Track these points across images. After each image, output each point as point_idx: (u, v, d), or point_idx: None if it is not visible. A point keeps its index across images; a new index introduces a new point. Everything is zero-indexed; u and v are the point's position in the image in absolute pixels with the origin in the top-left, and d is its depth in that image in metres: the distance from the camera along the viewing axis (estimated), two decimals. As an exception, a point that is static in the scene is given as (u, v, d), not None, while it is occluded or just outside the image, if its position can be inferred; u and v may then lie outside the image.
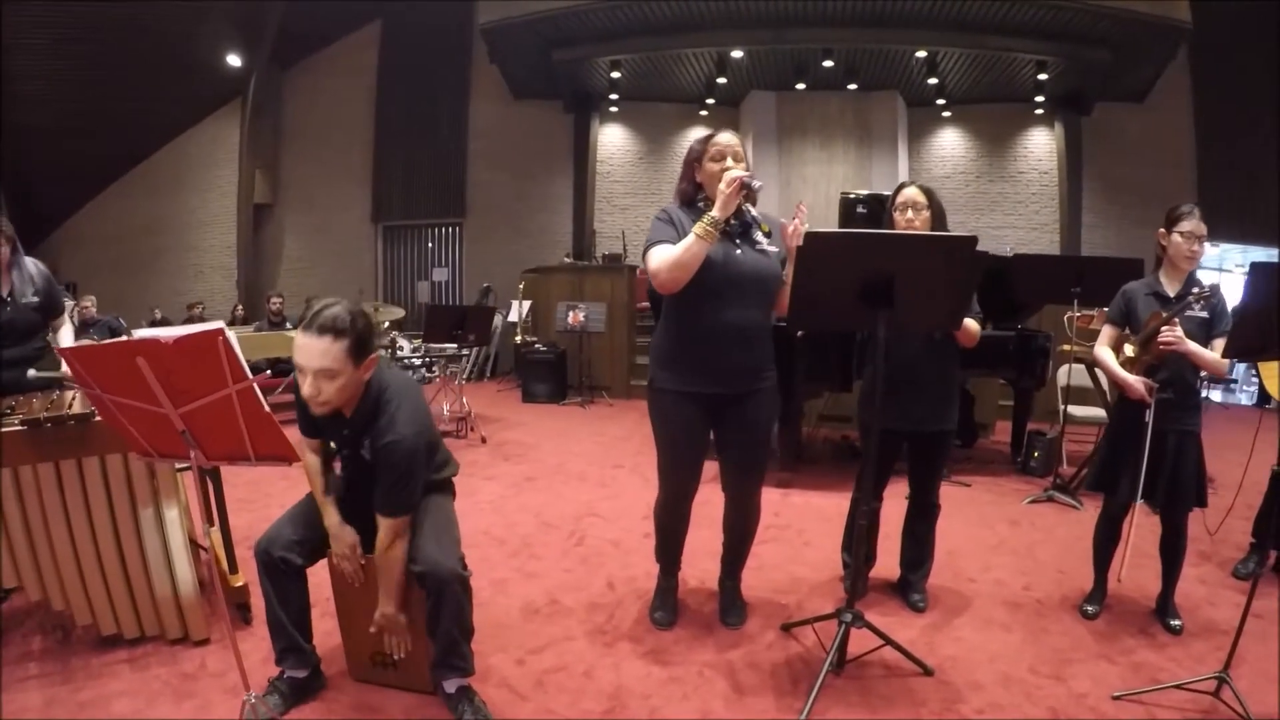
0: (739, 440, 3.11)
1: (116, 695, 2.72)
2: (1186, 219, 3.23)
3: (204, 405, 2.02)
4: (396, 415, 2.45)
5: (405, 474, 2.46)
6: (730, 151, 2.91)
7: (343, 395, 2.38)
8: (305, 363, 2.29)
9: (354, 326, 2.30)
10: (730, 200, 2.72)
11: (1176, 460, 3.23)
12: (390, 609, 2.56)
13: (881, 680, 2.86)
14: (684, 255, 2.76)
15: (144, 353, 1.93)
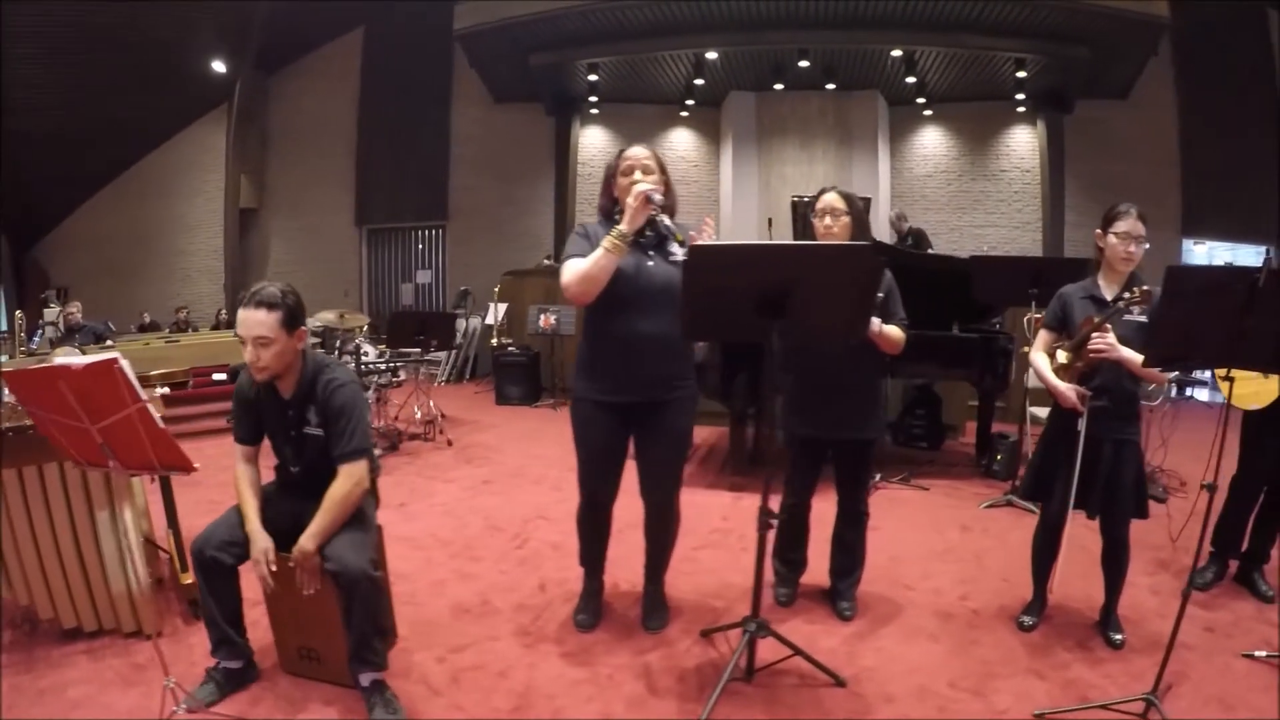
0: (654, 449, 3.16)
1: (72, 683, 2.93)
2: (1122, 219, 3.10)
3: (114, 422, 2.28)
4: (337, 373, 2.84)
5: (355, 417, 2.77)
6: (640, 165, 2.97)
7: (279, 362, 2.71)
8: (245, 333, 2.65)
9: (285, 301, 2.68)
10: (636, 214, 2.79)
11: (1113, 470, 3.13)
12: (312, 545, 2.66)
13: (791, 690, 2.85)
14: (592, 268, 2.83)
15: (63, 377, 2.21)
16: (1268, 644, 3.20)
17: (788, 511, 3.47)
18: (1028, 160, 13.86)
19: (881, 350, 3.21)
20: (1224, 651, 3.17)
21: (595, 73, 13.10)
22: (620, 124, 15.01)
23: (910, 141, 14.27)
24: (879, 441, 3.50)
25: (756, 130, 13.77)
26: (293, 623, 2.91)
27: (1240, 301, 2.26)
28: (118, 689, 2.89)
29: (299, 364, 2.80)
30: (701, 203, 14.60)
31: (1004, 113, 13.69)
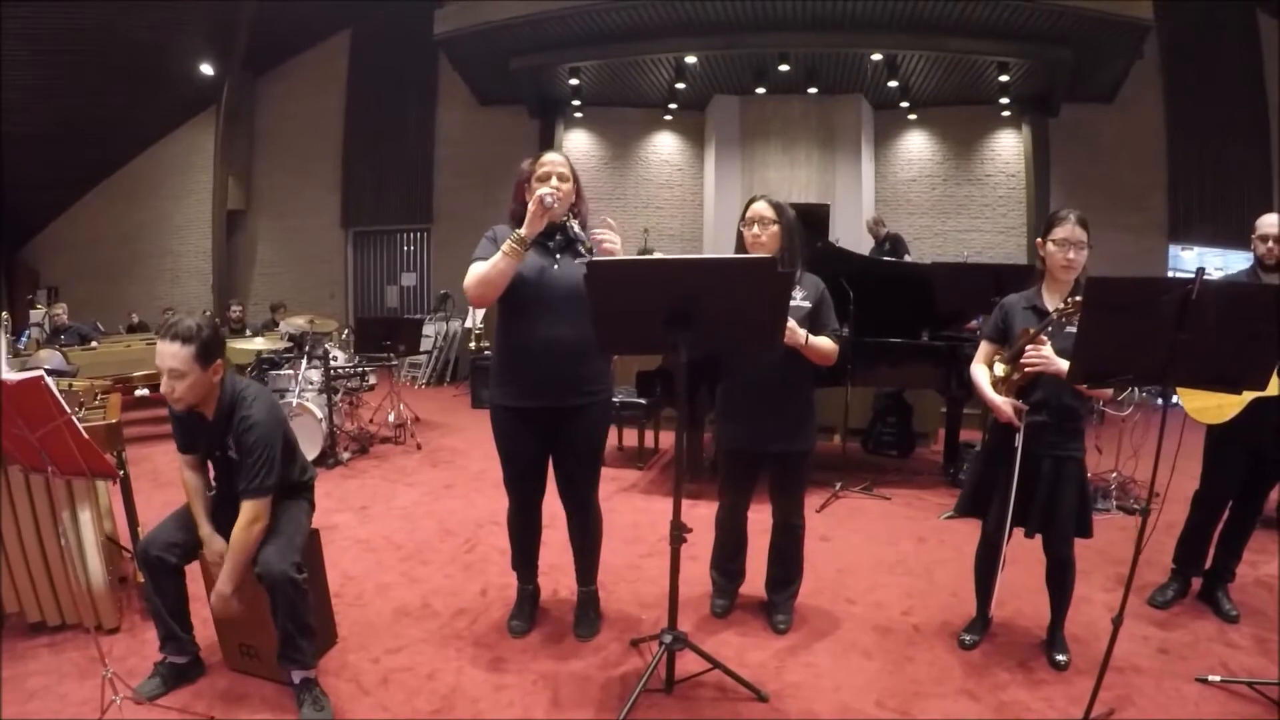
0: (565, 455, 3.20)
1: (32, 674, 3.09)
2: (1060, 225, 3.01)
3: (48, 431, 2.44)
4: (253, 405, 2.85)
5: (263, 455, 2.80)
6: (555, 171, 3.00)
7: (194, 393, 2.77)
8: (160, 364, 2.72)
9: (199, 335, 2.72)
10: (535, 218, 2.82)
11: (1052, 488, 3.03)
12: (227, 589, 2.78)
13: (709, 703, 2.84)
14: (490, 272, 2.89)
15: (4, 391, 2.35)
16: (1224, 668, 3.14)
17: (723, 522, 3.49)
18: (1013, 164, 13.79)
19: (813, 362, 3.18)
20: (1176, 675, 3.09)
21: (577, 76, 13.07)
22: (604, 127, 15.00)
23: (894, 145, 14.21)
24: (811, 452, 3.46)
25: (740, 134, 13.74)
26: (233, 621, 2.99)
27: (1172, 315, 2.20)
28: (74, 680, 3.02)
29: (216, 393, 2.86)
30: (686, 205, 14.62)
31: (989, 116, 13.60)
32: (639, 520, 4.87)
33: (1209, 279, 2.12)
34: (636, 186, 14.87)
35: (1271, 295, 2.26)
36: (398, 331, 7.90)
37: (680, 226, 14.52)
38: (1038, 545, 3.16)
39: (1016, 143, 13.74)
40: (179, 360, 2.69)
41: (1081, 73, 11.89)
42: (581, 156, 14.89)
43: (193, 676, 3.01)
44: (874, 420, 7.16)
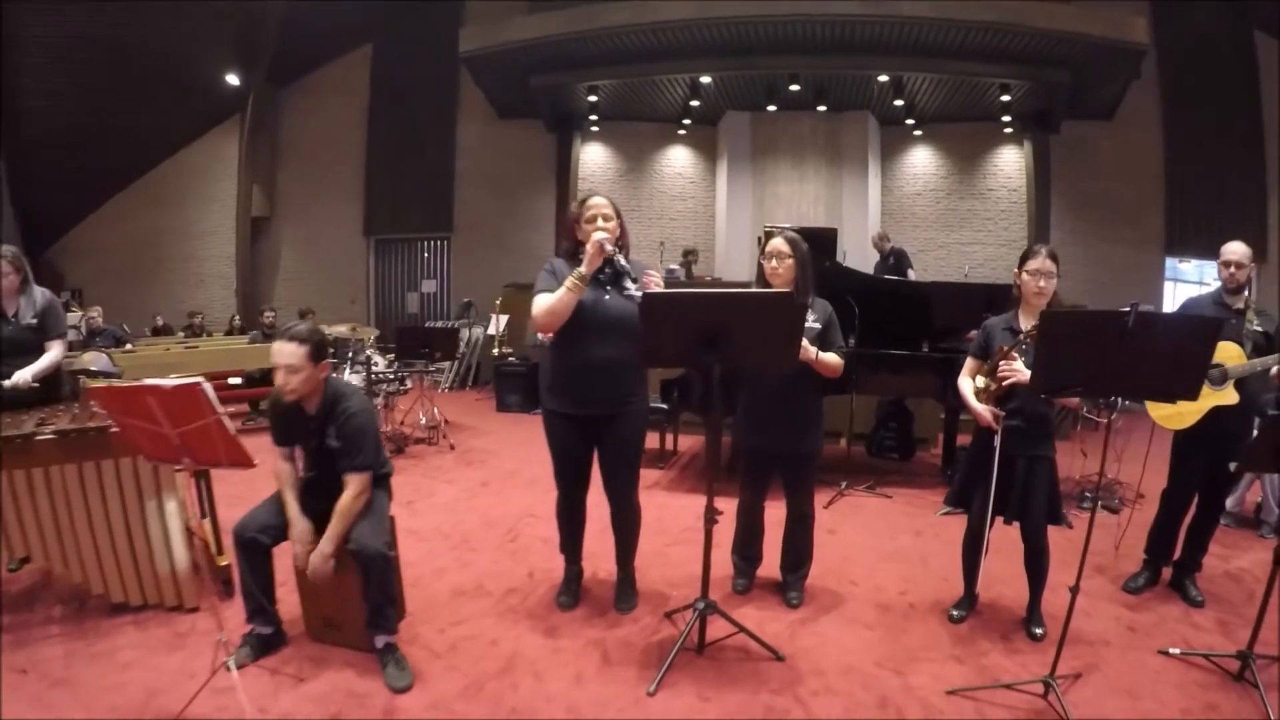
0: (610, 454, 3.71)
1: (123, 648, 3.46)
2: (1033, 258, 3.52)
3: (193, 428, 2.75)
4: (352, 399, 3.39)
5: (363, 438, 3.32)
6: (600, 213, 3.47)
7: (305, 386, 3.27)
8: (278, 361, 3.21)
9: (312, 338, 3.25)
10: (593, 260, 3.32)
11: (1026, 483, 3.52)
12: (329, 549, 3.23)
13: (735, 662, 3.35)
14: (556, 304, 3.39)
15: (153, 394, 2.71)
16: (1186, 644, 3.53)
17: (743, 513, 4.01)
18: (1015, 179, 14.15)
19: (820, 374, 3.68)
20: (1141, 649, 3.51)
21: (595, 93, 13.50)
22: (620, 141, 15.40)
23: (900, 160, 14.57)
24: (818, 453, 3.97)
25: (751, 148, 14.13)
26: (318, 597, 3.47)
27: (1113, 340, 2.66)
28: (164, 653, 3.43)
29: (322, 389, 3.36)
30: (698, 218, 15.03)
31: (991, 133, 13.97)
32: (663, 514, 5.35)
33: (1143, 311, 2.60)
34: (651, 199, 15.29)
35: (1196, 323, 2.78)
36: (436, 339, 8.46)
37: (693, 238, 14.86)
38: (1019, 536, 3.64)
39: (1018, 158, 14.12)
40: (295, 358, 3.19)
41: (1080, 92, 12.26)
42: (597, 169, 15.40)
43: (277, 646, 3.43)
44: (877, 426, 7.59)
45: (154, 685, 3.16)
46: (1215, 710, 3.02)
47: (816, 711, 2.99)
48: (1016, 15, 10.73)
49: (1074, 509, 5.60)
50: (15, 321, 4.36)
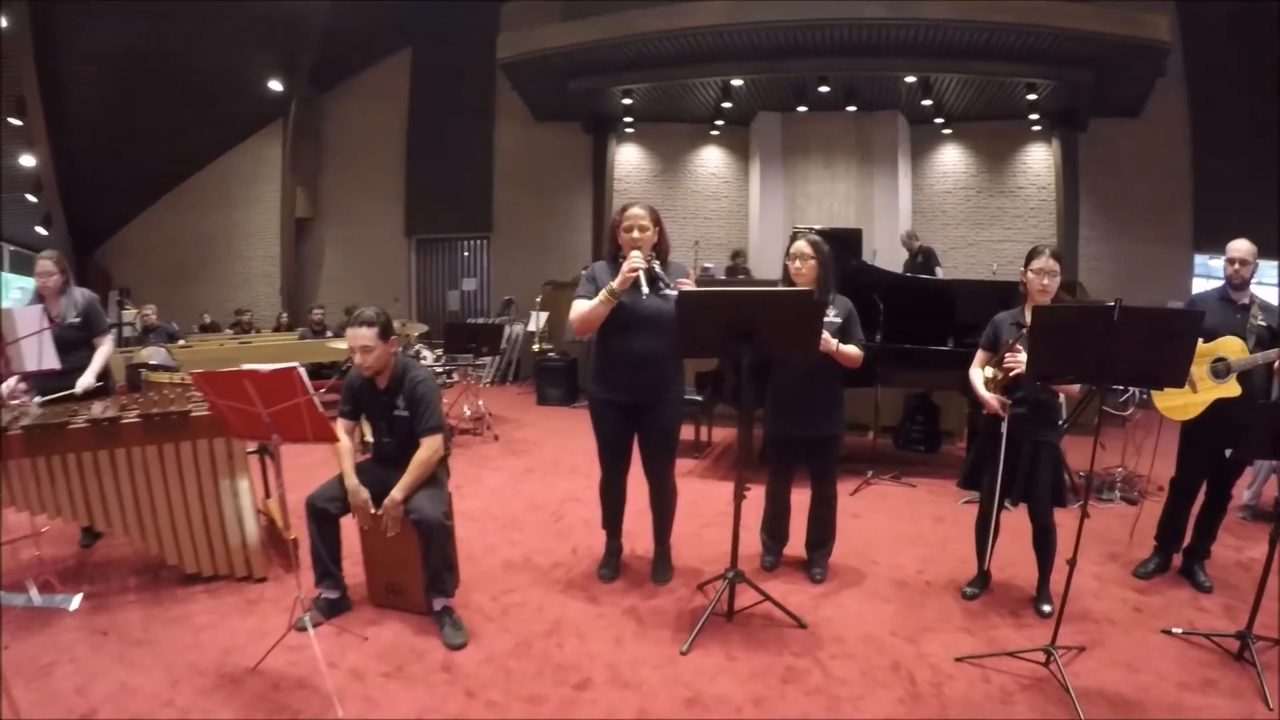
0: (648, 438, 4.08)
1: (198, 613, 3.85)
2: (1037, 258, 3.79)
3: (285, 408, 3.09)
4: (419, 370, 3.86)
5: (431, 401, 3.77)
6: (636, 223, 3.81)
7: (379, 362, 3.73)
8: (353, 343, 3.69)
9: (379, 319, 3.69)
10: (626, 280, 3.68)
11: (1031, 466, 3.78)
12: (400, 497, 3.62)
13: (761, 628, 3.69)
14: (589, 313, 3.81)
15: (250, 378, 3.05)
16: (1190, 625, 3.71)
17: (771, 494, 4.37)
18: (1043, 177, 14.21)
19: (842, 365, 4.01)
20: (1145, 628, 3.71)
21: (629, 96, 13.82)
22: (654, 142, 15.69)
23: (930, 159, 14.71)
24: (840, 438, 4.31)
25: (782, 148, 14.38)
26: (381, 563, 3.87)
27: (1100, 332, 2.93)
28: (236, 617, 3.81)
29: (391, 364, 3.80)
30: (732, 217, 15.28)
31: (1020, 131, 14.07)
32: (697, 499, 5.67)
33: (1127, 307, 2.88)
34: (685, 198, 15.57)
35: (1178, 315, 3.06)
36: (482, 335, 8.89)
37: (726, 236, 15.15)
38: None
39: (1047, 156, 14.20)
40: (368, 339, 3.64)
41: (1106, 90, 12.33)
42: (632, 170, 15.72)
43: (343, 609, 3.81)
44: (904, 419, 7.84)
45: (229, 645, 3.53)
46: (1212, 686, 3.19)
47: (834, 672, 3.30)
48: (1038, 15, 10.87)
49: (1093, 500, 5.82)
50: (60, 321, 4.74)
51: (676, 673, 3.28)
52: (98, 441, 3.93)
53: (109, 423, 3.94)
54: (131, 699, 3.09)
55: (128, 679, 3.24)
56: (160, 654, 3.45)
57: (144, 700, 3.09)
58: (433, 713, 2.98)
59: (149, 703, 3.07)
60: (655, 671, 3.29)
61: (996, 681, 3.21)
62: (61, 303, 4.85)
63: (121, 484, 3.99)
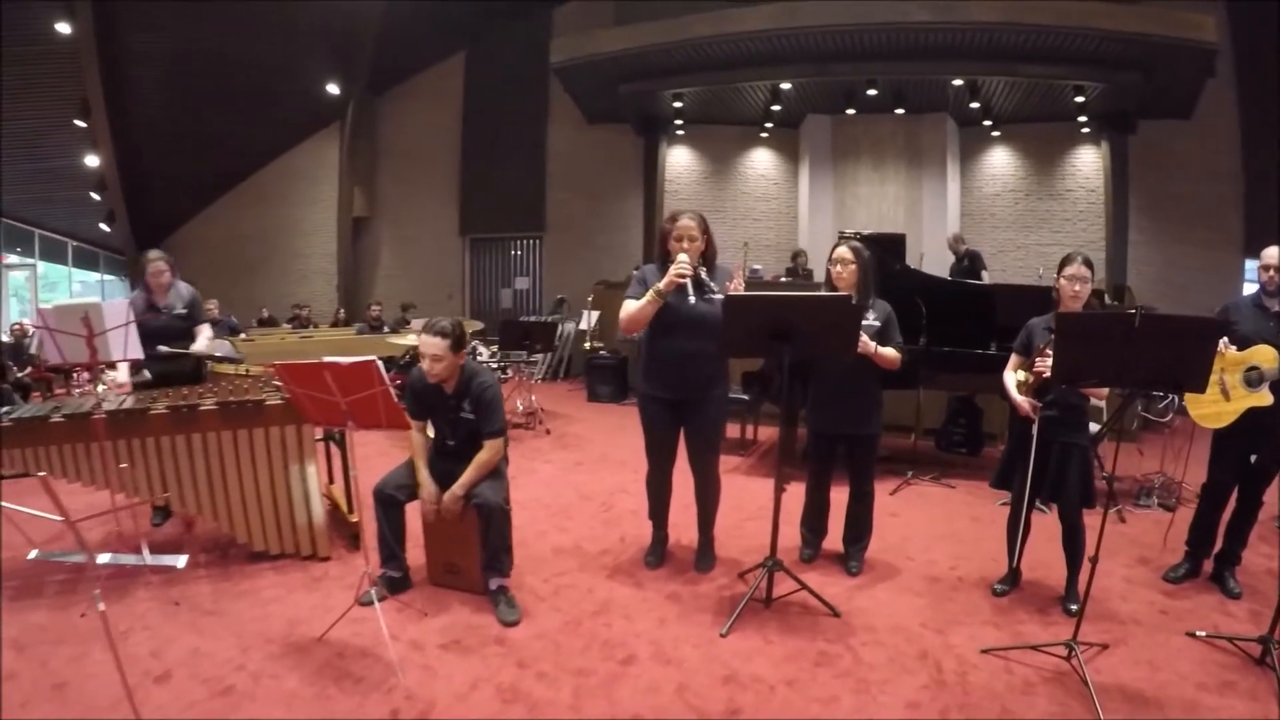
0: (694, 433, 4.32)
1: (265, 588, 4.20)
2: (1069, 265, 3.99)
3: (362, 397, 3.38)
4: (485, 376, 4.09)
5: (496, 407, 4.02)
6: (686, 233, 4.05)
7: (446, 371, 3.93)
8: (425, 351, 3.89)
9: (453, 332, 3.91)
10: (670, 285, 3.93)
11: (1060, 467, 3.92)
12: (461, 493, 3.93)
13: (797, 615, 3.91)
14: (637, 313, 4.07)
15: (330, 369, 3.34)
16: (1215, 629, 3.77)
17: (811, 490, 4.60)
18: (1092, 180, 14.11)
19: (881, 367, 4.22)
20: (1170, 630, 3.80)
21: (680, 99, 14.04)
22: (704, 144, 15.87)
23: (979, 161, 14.69)
24: (878, 436, 4.52)
25: (831, 151, 14.51)
26: (441, 546, 4.18)
27: (1122, 337, 3.10)
28: (302, 593, 4.14)
29: (459, 371, 4.02)
30: (781, 219, 15.41)
31: (1069, 134, 14.00)
32: (741, 495, 5.89)
33: (1147, 314, 3.06)
34: (735, 200, 15.74)
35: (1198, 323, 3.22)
36: (536, 332, 9.23)
37: (776, 238, 15.32)
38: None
39: (1096, 159, 14.10)
40: (440, 349, 3.86)
41: (1156, 92, 12.24)
42: (683, 171, 15.92)
43: (404, 588, 4.12)
44: (947, 421, 7.93)
45: (295, 617, 3.84)
46: (1231, 688, 3.28)
47: (864, 658, 3.51)
48: (1081, 18, 10.85)
49: (1129, 505, 5.94)
50: (167, 313, 5.29)
51: (715, 653, 3.52)
52: (177, 426, 4.28)
53: (189, 409, 4.28)
54: (204, 663, 3.39)
55: (200, 645, 3.55)
56: (230, 623, 3.78)
57: (216, 664, 3.39)
58: (487, 682, 3.25)
59: (221, 667, 3.36)
60: (695, 651, 3.54)
61: (1019, 673, 3.38)
62: (169, 296, 5.36)
63: (197, 466, 4.33)
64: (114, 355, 4.64)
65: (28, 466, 4.12)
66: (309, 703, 3.12)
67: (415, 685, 3.23)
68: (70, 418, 4.14)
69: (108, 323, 4.50)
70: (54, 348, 4.50)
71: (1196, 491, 4.65)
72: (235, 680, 3.25)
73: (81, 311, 4.37)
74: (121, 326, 4.57)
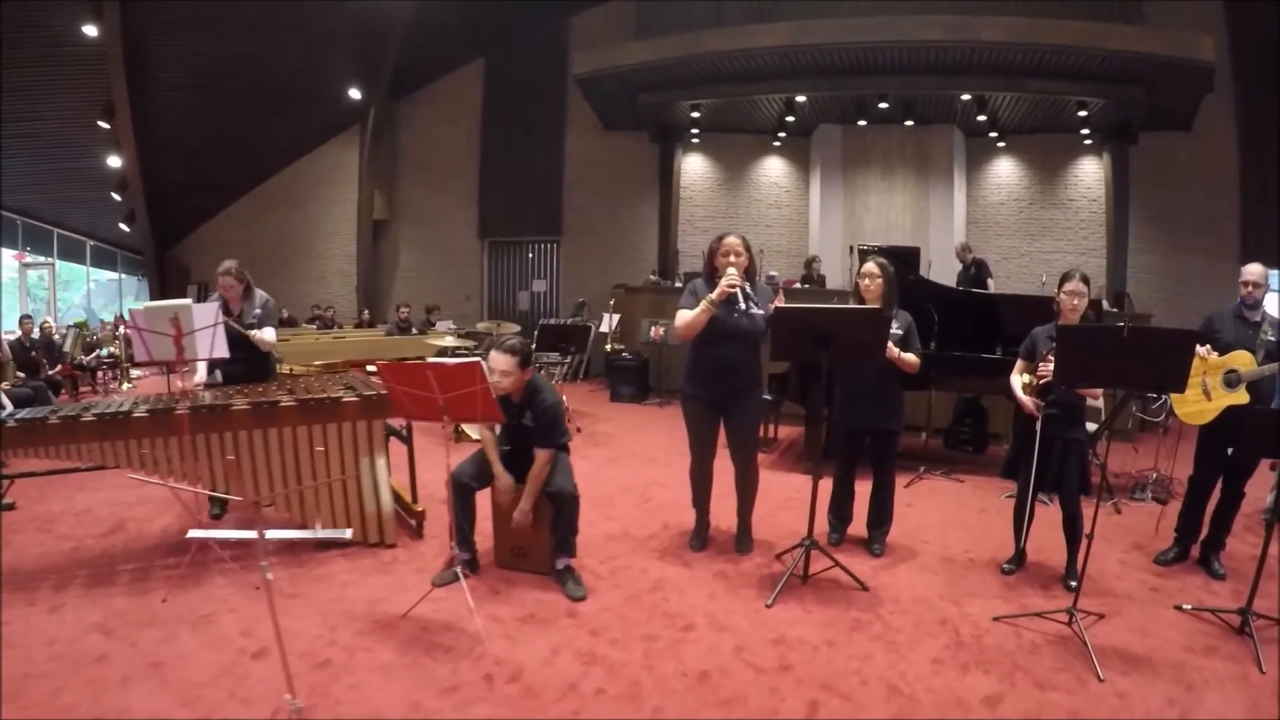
0: (735, 430, 4.86)
1: (339, 573, 4.57)
2: (1068, 281, 4.55)
3: (461, 394, 3.78)
4: (547, 392, 4.49)
5: (555, 421, 4.42)
6: (732, 249, 4.56)
7: (513, 386, 4.34)
8: (495, 367, 4.22)
9: (522, 350, 4.33)
10: (721, 295, 4.43)
11: (1061, 459, 4.47)
12: (528, 506, 4.39)
13: (831, 589, 4.43)
14: (693, 320, 4.55)
15: (433, 370, 3.78)
16: (1199, 603, 4.28)
17: (838, 480, 5.11)
18: (1094, 189, 14.47)
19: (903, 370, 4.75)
20: (1160, 604, 4.32)
21: (697, 110, 14.45)
22: (719, 152, 16.24)
23: (984, 171, 15.04)
24: (900, 432, 5.06)
25: (842, 160, 14.84)
26: (510, 531, 4.58)
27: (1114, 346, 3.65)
28: (376, 576, 4.55)
29: (524, 385, 4.44)
30: (792, 225, 15.75)
31: (1072, 145, 14.35)
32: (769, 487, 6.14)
33: (1134, 327, 3.61)
34: (747, 206, 16.11)
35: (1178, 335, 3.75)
36: (571, 335, 9.75)
37: (788, 244, 15.68)
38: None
39: (1098, 169, 14.46)
40: (509, 365, 4.28)
41: (1156, 106, 12.62)
42: (697, 178, 16.31)
43: (473, 569, 4.49)
44: (954, 421, 8.44)
45: (373, 598, 4.22)
46: (1214, 651, 3.77)
47: (892, 624, 4.02)
48: (1089, 38, 11.29)
49: (1125, 499, 6.44)
50: (240, 320, 5.58)
51: (763, 620, 4.03)
52: (256, 421, 4.62)
53: (269, 405, 4.65)
54: (296, 640, 3.63)
55: (288, 624, 3.65)
56: (313, 605, 4.11)
57: (308, 641, 3.70)
58: (565, 648, 3.71)
59: (314, 643, 3.68)
60: (745, 619, 4.04)
61: (1027, 637, 3.89)
62: (244, 304, 5.70)
63: (272, 459, 4.68)
64: (200, 354, 4.94)
65: (105, 460, 4.43)
66: (405, 670, 3.47)
67: (501, 653, 3.63)
68: (154, 413, 4.44)
69: (196, 324, 4.84)
70: (142, 346, 4.84)
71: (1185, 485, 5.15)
72: (330, 654, 3.58)
73: (171, 312, 4.72)
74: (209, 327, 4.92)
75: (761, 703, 3.26)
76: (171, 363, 4.91)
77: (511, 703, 3.25)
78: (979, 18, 11.52)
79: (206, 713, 3.13)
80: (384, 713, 3.15)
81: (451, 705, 3.22)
